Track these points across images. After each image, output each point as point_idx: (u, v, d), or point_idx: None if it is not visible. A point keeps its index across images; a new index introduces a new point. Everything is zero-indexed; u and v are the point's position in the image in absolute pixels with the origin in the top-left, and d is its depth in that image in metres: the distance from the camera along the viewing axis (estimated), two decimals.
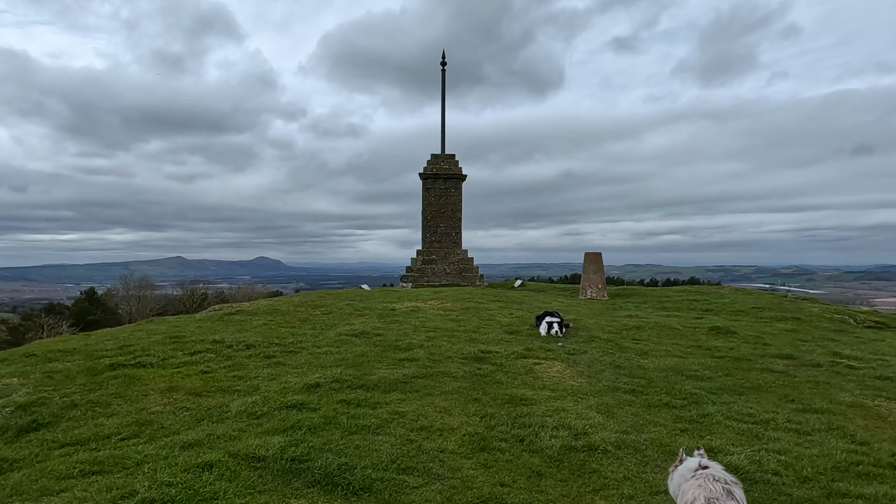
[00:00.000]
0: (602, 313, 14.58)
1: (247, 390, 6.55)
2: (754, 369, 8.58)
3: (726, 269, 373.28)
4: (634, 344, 10.16)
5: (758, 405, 6.74)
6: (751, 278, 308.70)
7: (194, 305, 63.10)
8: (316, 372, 7.30)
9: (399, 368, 7.64)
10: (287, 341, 9.44)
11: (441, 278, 23.35)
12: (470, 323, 11.53)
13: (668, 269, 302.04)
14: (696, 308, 16.80)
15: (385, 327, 10.85)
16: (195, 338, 9.53)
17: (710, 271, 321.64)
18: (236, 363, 7.89)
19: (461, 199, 24.54)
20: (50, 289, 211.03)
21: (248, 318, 12.11)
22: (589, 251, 20.50)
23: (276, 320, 11.67)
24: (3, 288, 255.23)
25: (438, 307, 13.62)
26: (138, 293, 68.49)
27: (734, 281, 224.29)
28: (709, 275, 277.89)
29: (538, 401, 6.45)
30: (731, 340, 10.93)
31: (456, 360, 8.20)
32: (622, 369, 8.29)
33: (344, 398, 6.14)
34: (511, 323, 11.75)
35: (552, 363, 8.34)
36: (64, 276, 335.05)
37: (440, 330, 10.63)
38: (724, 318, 14.65)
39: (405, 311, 12.78)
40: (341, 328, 10.73)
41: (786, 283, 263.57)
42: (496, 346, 9.25)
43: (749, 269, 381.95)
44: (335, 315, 12.43)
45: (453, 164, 24.43)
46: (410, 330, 10.60)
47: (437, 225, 24.25)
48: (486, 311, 13.26)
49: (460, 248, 24.25)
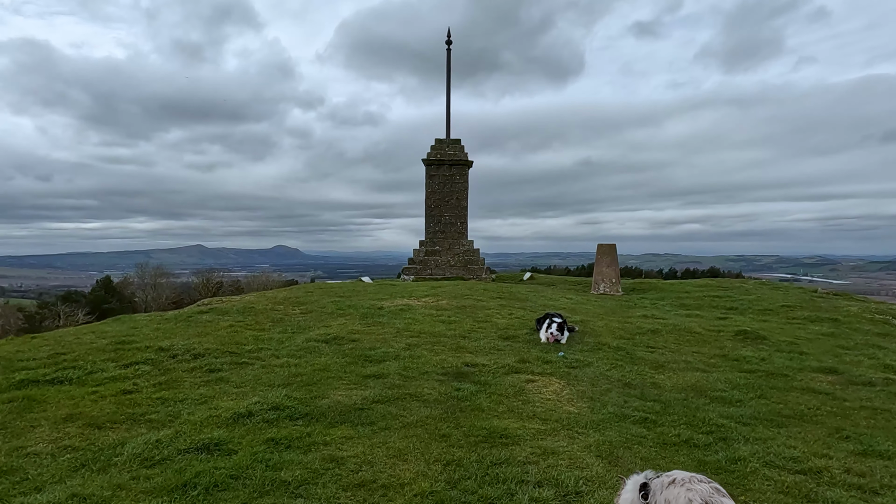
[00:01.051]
0: (614, 312, 13.16)
1: (162, 420, 5.29)
2: (793, 389, 7.15)
3: (747, 258, 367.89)
4: (649, 353, 8.75)
5: (803, 444, 5.33)
6: (772, 268, 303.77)
7: (210, 294, 62.66)
8: (257, 394, 6.03)
9: (360, 389, 6.34)
10: (245, 349, 8.19)
11: (445, 271, 22.03)
12: (462, 326, 10.19)
13: (688, 259, 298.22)
14: (720, 306, 15.29)
15: (364, 331, 9.56)
16: (143, 344, 8.32)
17: (730, 261, 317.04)
18: (171, 379, 6.65)
19: (467, 186, 23.14)
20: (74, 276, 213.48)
21: (218, 317, 10.90)
22: (602, 242, 19.01)
23: (245, 321, 10.44)
24: (30, 275, 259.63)
25: (431, 305, 12.30)
26: (154, 281, 68.31)
27: (755, 271, 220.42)
28: (729, 264, 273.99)
29: (523, 438, 5.10)
30: (761, 348, 9.47)
31: (433, 377, 6.88)
32: (632, 388, 6.91)
33: (274, 436, 4.85)
34: (509, 326, 10.39)
35: (548, 380, 6.98)
36: (87, 263, 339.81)
37: (425, 335, 9.31)
38: (751, 319, 13.14)
39: (392, 311, 11.48)
40: (314, 332, 9.46)
41: (808, 273, 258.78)
42: (485, 358, 7.90)
43: (771, 258, 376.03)
44: (314, 315, 11.17)
45: (458, 150, 23.01)
46: (391, 335, 9.30)
47: (442, 214, 22.89)
48: (484, 310, 11.91)
49: (466, 239, 22.88)
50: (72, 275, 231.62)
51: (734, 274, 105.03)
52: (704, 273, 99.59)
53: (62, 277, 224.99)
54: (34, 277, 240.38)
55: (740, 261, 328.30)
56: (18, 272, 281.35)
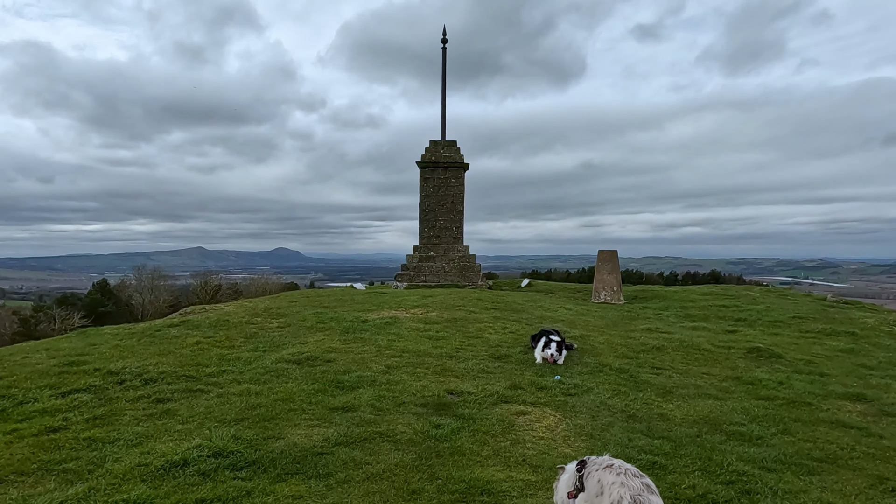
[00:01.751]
0: (616, 325, 12.32)
1: (80, 470, 4.46)
2: (819, 422, 6.30)
3: (748, 261, 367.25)
4: (654, 376, 7.90)
5: (842, 498, 4.49)
6: (773, 271, 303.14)
7: (207, 297, 61.82)
8: (202, 433, 5.19)
9: (324, 425, 5.50)
10: (205, 372, 7.35)
11: (439, 277, 21.19)
12: (450, 342, 9.35)
13: (689, 262, 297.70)
14: (727, 317, 14.45)
15: (342, 349, 8.72)
16: (93, 365, 7.48)
17: (731, 264, 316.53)
18: (110, 412, 5.81)
19: (463, 189, 22.31)
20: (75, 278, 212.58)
21: (187, 332, 10.07)
22: (603, 249, 18.17)
23: (215, 337, 9.60)
24: (31, 277, 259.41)
25: (420, 318, 11.46)
26: (151, 284, 67.40)
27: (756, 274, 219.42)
28: (730, 267, 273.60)
29: (509, 494, 4.27)
30: (777, 369, 8.63)
31: (410, 409, 6.04)
32: (637, 421, 6.07)
33: (206, 495, 4.02)
34: (501, 342, 9.54)
35: (542, 412, 6.14)
36: (89, 265, 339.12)
37: (409, 354, 8.47)
38: (763, 333, 12.30)
39: (377, 325, 10.63)
40: (287, 350, 8.62)
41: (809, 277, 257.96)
42: (472, 383, 7.06)
43: (771, 261, 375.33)
44: (291, 330, 10.33)
45: (454, 152, 22.18)
46: (371, 354, 8.46)
47: (436, 218, 22.05)
48: (476, 324, 11.07)
49: (461, 244, 22.05)
50: (72, 277, 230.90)
51: (735, 277, 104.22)
52: (705, 276, 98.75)
53: (63, 280, 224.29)
54: (35, 279, 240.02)
55: (741, 264, 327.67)
56: (19, 274, 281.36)
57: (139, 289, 67.49)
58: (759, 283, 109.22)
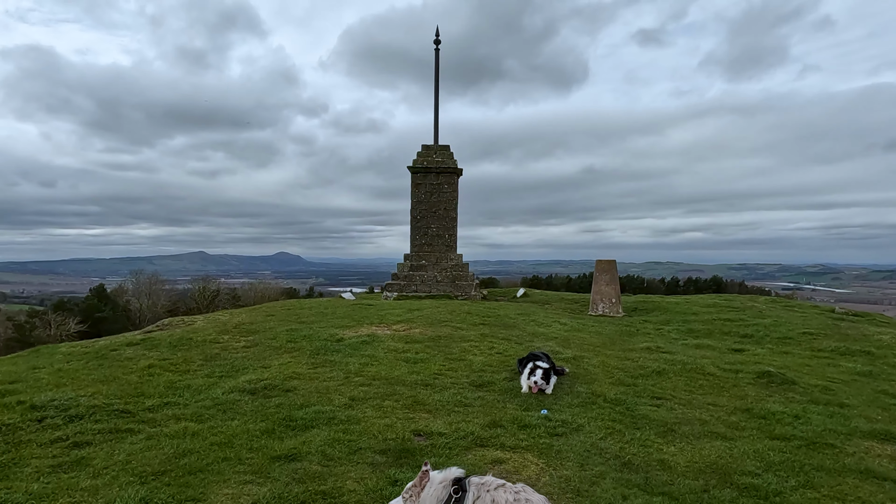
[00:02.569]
0: (613, 342, 11.43)
1: None
2: (846, 471, 5.40)
3: (749, 267, 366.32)
4: (654, 408, 7.01)
5: None
6: (775, 277, 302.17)
7: (205, 302, 60.98)
8: (108, 492, 4.31)
9: (259, 481, 4.62)
10: (145, 405, 6.48)
11: (431, 287, 20.31)
12: (429, 366, 8.47)
13: (690, 267, 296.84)
14: (732, 332, 13.56)
15: (306, 375, 7.85)
16: (22, 395, 6.63)
17: (732, 269, 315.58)
18: (12, 460, 4.94)
19: (456, 195, 21.47)
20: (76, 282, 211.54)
21: (143, 353, 9.22)
22: (601, 259, 17.29)
23: (171, 359, 8.74)
24: (32, 281, 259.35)
25: (401, 336, 10.59)
26: (149, 289, 66.57)
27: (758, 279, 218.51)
28: (731, 273, 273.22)
29: None
30: (791, 398, 7.73)
31: (367, 457, 5.16)
32: (634, 471, 5.18)
33: None
34: (486, 366, 8.66)
35: (523, 459, 5.25)
36: (90, 269, 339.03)
37: (380, 382, 7.59)
38: (772, 352, 11.41)
39: (352, 344, 9.76)
40: (246, 376, 7.75)
41: (811, 282, 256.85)
42: (445, 420, 6.18)
43: (773, 267, 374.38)
44: (257, 350, 9.47)
45: (447, 157, 21.35)
46: (337, 382, 7.58)
47: (428, 225, 21.20)
48: (461, 342, 10.19)
49: (454, 253, 21.18)
50: (74, 281, 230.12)
51: (737, 283, 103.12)
52: (707, 282, 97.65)
53: (64, 284, 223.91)
54: (36, 283, 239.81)
55: (743, 269, 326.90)
56: (21, 278, 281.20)
57: (136, 294, 66.66)
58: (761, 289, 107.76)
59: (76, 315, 57.18)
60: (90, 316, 57.00)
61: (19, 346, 45.72)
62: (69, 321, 54.88)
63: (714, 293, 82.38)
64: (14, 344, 46.08)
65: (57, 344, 11.22)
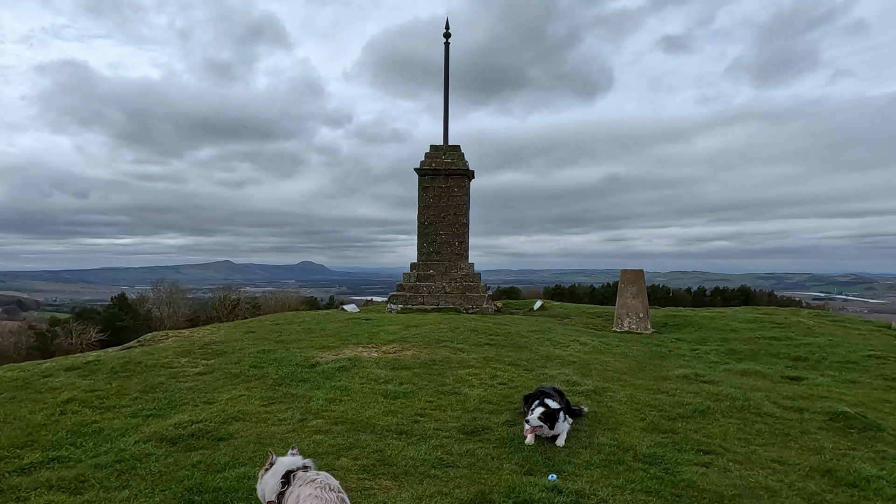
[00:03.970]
0: (643, 367, 9.62)
1: None
2: None
3: (778, 276, 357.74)
4: (702, 470, 5.20)
5: None
6: (805, 286, 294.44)
7: (226, 311, 60.30)
8: None
9: None
10: (22, 462, 4.91)
11: (439, 299, 18.62)
12: (412, 402, 6.78)
13: (716, 277, 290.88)
14: (781, 354, 11.61)
15: (255, 414, 6.22)
16: None
17: (760, 279, 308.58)
18: None
19: (468, 200, 19.78)
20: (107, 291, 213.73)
21: (75, 381, 7.70)
22: (627, 268, 15.45)
23: (102, 390, 7.20)
24: (65, 289, 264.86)
25: (388, 360, 8.92)
26: (170, 298, 66.15)
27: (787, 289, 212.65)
28: (759, 282, 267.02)
29: None
30: (882, 453, 5.87)
31: None
32: None
33: None
34: (485, 402, 6.93)
35: None
36: (120, 278, 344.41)
37: (344, 426, 5.93)
38: (834, 380, 9.48)
39: (326, 371, 8.12)
40: (179, 416, 6.15)
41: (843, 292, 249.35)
42: (411, 494, 4.48)
43: (803, 276, 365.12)
44: (212, 378, 7.88)
45: (457, 158, 19.70)
46: (291, 424, 5.94)
47: (437, 232, 19.54)
48: (459, 368, 8.48)
49: (465, 262, 19.47)
50: (104, 290, 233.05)
51: (766, 293, 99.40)
52: (735, 292, 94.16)
53: (94, 292, 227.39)
54: (68, 292, 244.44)
55: (771, 279, 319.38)
56: (54, 286, 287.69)
57: (157, 303, 66.30)
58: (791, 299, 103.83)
59: (97, 324, 56.79)
60: (111, 325, 56.58)
61: (40, 354, 45.20)
62: (90, 330, 54.44)
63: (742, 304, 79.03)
64: (35, 353, 45.60)
65: None
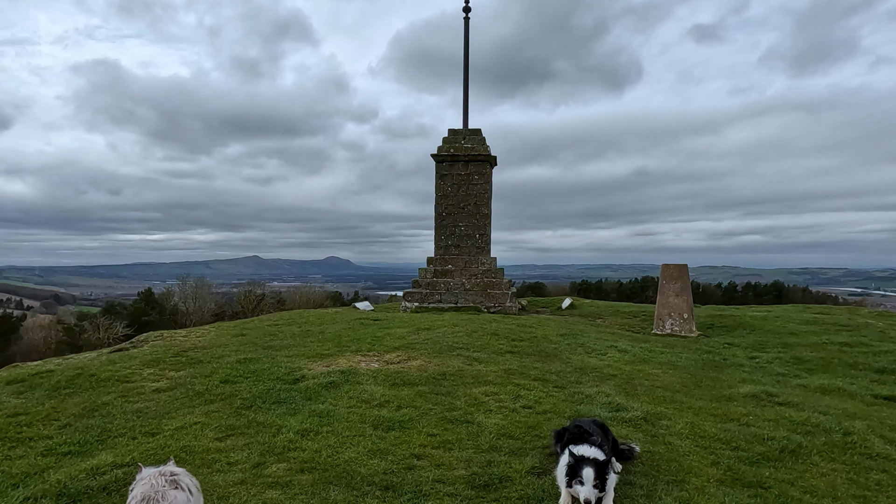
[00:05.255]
0: (698, 383, 7.91)
1: None
2: None
3: (812, 271, 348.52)
4: None
5: None
6: (840, 281, 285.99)
7: (251, 306, 59.86)
8: None
9: None
10: None
11: (457, 297, 17.04)
12: (410, 436, 5.23)
13: (748, 272, 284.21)
14: (859, 364, 9.77)
15: (202, 453, 4.74)
16: None
17: (793, 273, 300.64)
18: None
19: (490, 188, 18.14)
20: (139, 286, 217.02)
21: (6, 399, 6.31)
22: (669, 263, 13.67)
23: (30, 413, 5.80)
24: (99, 284, 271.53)
25: (390, 373, 7.38)
26: (195, 293, 66.02)
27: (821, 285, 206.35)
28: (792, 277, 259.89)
29: None
30: None
31: None
32: None
33: None
34: (504, 435, 5.34)
35: None
36: (152, 273, 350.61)
37: (311, 474, 4.40)
38: None
39: (312, 387, 6.62)
40: (103, 454, 4.71)
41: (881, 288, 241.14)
42: None
43: (838, 271, 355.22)
44: (173, 395, 6.43)
45: (478, 143, 18.06)
46: (242, 470, 4.44)
47: (456, 224, 17.94)
48: (474, 385, 6.91)
49: (487, 256, 17.84)
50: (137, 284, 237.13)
51: (800, 289, 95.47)
52: (767, 287, 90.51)
53: (128, 287, 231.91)
54: (103, 286, 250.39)
55: (804, 273, 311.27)
56: (89, 281, 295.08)
57: (183, 298, 66.23)
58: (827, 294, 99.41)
59: (124, 318, 56.70)
60: (137, 319, 56.50)
61: (69, 348, 45.01)
62: (117, 325, 54.34)
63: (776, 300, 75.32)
64: (64, 347, 45.47)
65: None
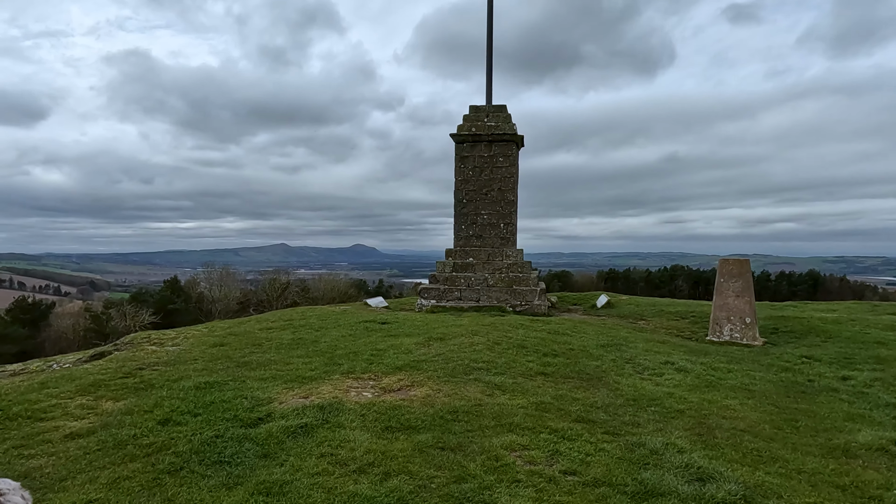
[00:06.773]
0: (793, 423, 5.96)
1: None
2: None
3: (848, 259, 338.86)
4: None
5: None
6: (878, 270, 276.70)
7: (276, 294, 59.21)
8: None
9: None
10: None
11: (479, 294, 15.20)
12: None
13: (780, 260, 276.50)
14: None
15: None
16: None
17: (828, 262, 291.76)
18: None
19: (516, 172, 16.20)
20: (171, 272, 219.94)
21: None
22: (728, 258, 11.60)
23: None
24: (132, 271, 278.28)
25: (386, 407, 5.60)
26: (220, 281, 65.67)
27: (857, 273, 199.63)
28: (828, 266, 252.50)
29: None
30: None
31: None
32: None
33: None
34: None
35: None
36: (183, 260, 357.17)
37: None
38: None
39: (274, 434, 4.88)
40: None
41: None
42: None
43: (876, 260, 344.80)
44: (83, 444, 4.76)
45: (503, 121, 16.10)
46: None
47: (478, 212, 16.06)
48: (495, 430, 5.09)
49: (512, 248, 15.94)
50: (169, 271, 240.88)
51: (837, 278, 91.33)
52: (802, 276, 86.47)
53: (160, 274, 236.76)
54: (136, 273, 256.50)
55: (840, 262, 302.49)
56: (123, 268, 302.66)
57: (208, 286, 65.92)
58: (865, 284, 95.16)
59: (150, 306, 56.39)
60: (163, 307, 56.19)
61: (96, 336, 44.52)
62: (143, 313, 54.01)
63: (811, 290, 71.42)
64: (92, 335, 45.06)
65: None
